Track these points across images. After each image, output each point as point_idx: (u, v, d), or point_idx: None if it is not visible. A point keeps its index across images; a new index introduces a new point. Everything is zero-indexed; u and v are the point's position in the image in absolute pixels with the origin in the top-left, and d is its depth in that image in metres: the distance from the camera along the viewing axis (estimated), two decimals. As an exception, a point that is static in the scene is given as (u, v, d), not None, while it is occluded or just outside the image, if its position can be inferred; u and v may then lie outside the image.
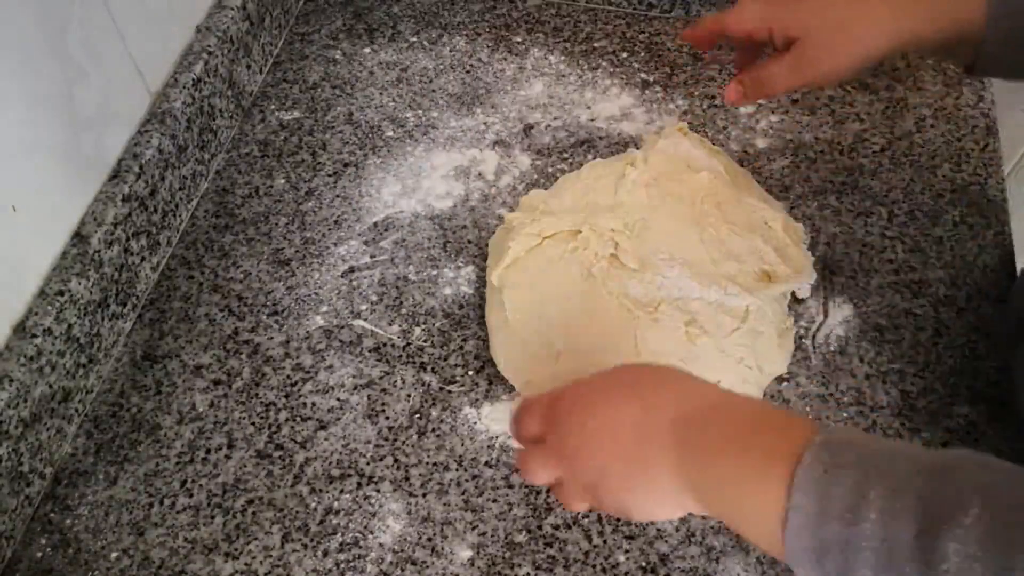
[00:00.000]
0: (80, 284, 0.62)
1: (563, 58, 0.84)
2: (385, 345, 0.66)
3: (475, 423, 0.62)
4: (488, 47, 0.86)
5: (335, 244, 0.72)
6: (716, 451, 0.42)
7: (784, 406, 0.61)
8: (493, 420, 0.62)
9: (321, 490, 0.60)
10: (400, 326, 0.67)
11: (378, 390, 0.64)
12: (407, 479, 0.60)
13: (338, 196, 0.76)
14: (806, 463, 0.38)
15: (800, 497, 0.37)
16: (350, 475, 0.60)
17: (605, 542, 0.57)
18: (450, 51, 0.86)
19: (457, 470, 0.60)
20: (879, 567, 0.35)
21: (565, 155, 0.77)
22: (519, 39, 0.87)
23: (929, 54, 0.56)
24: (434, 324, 0.67)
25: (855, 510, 0.36)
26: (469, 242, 0.72)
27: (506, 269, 0.65)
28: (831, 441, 0.39)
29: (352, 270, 0.71)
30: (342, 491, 0.60)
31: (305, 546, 0.57)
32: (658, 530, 0.57)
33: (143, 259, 0.69)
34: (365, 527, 0.58)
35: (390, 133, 0.80)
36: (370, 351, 0.66)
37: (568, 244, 0.65)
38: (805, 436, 0.40)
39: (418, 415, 0.63)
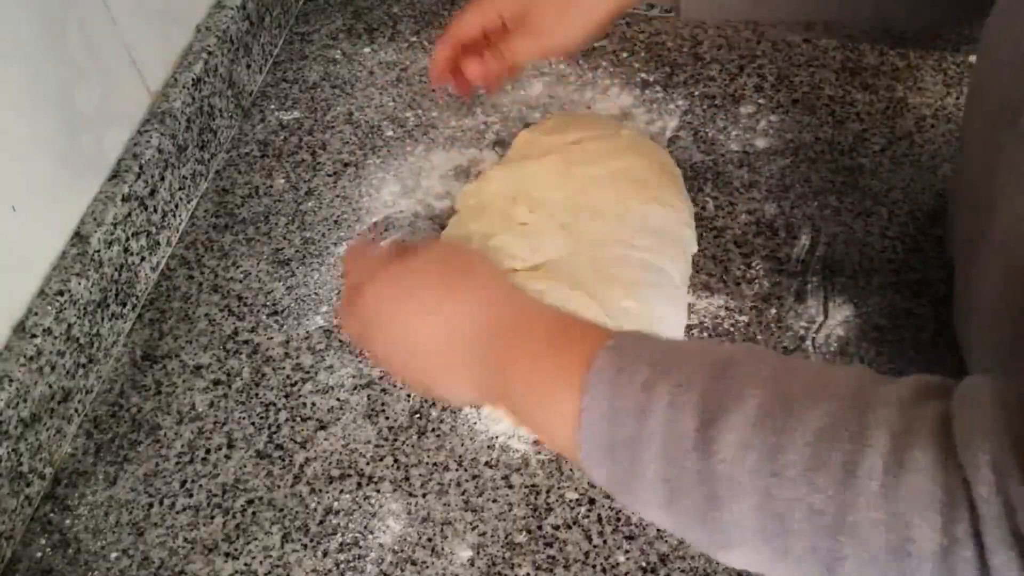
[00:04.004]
0: (80, 284, 0.62)
1: (563, 58, 0.84)
2: (385, 345, 0.66)
3: (475, 423, 0.62)
4: (488, 47, 0.86)
5: (335, 244, 0.72)
6: (516, 364, 0.43)
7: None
8: (493, 420, 0.62)
9: (321, 490, 0.60)
10: (400, 326, 0.67)
11: (378, 390, 0.64)
12: (407, 479, 0.60)
13: (338, 196, 0.76)
14: (597, 365, 0.39)
15: (591, 397, 0.39)
16: (350, 475, 0.60)
17: (605, 542, 0.57)
18: (450, 51, 0.86)
19: (457, 470, 0.60)
20: (664, 458, 0.37)
21: (565, 155, 0.77)
22: (519, 39, 0.87)
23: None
24: (434, 324, 0.67)
25: (643, 406, 0.37)
26: (469, 242, 0.72)
27: None
28: (622, 344, 0.40)
29: (352, 270, 0.71)
30: (342, 491, 0.60)
31: (305, 546, 0.57)
32: (658, 530, 0.57)
33: (143, 259, 0.69)
34: (365, 527, 0.58)
35: (390, 133, 0.80)
36: (370, 351, 0.66)
37: None
38: (600, 342, 0.41)
39: (418, 415, 0.63)
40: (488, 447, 0.61)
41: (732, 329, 0.65)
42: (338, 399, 0.64)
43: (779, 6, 0.63)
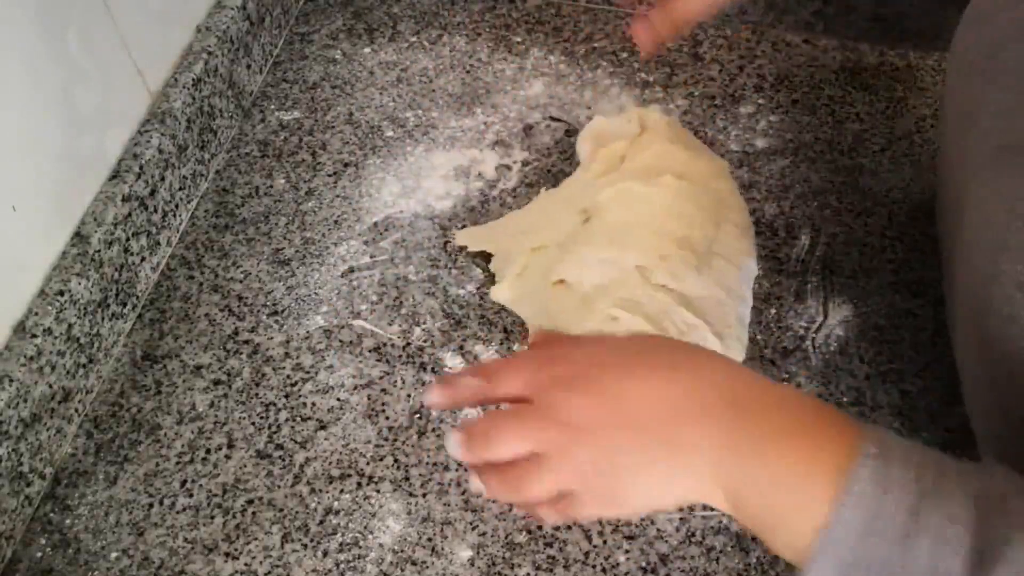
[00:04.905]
0: (80, 284, 0.62)
1: (563, 58, 0.84)
2: (385, 345, 0.66)
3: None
4: (488, 47, 0.86)
5: (335, 244, 0.72)
6: (768, 442, 0.39)
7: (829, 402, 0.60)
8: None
9: (321, 490, 0.60)
10: (400, 326, 0.67)
11: (378, 390, 0.64)
12: (407, 479, 0.60)
13: (338, 196, 0.76)
14: (859, 473, 0.36)
15: (850, 511, 0.36)
16: (350, 475, 0.60)
17: (605, 542, 0.57)
18: (450, 51, 0.86)
19: (457, 470, 0.60)
20: None
21: (565, 155, 0.77)
22: (519, 39, 0.87)
23: None
24: (434, 324, 0.67)
25: (907, 533, 0.35)
26: (469, 242, 0.72)
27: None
28: (886, 453, 0.37)
29: (352, 270, 0.71)
30: (342, 491, 0.60)
31: (305, 546, 0.57)
32: (658, 530, 0.57)
33: (143, 259, 0.69)
34: (365, 527, 0.58)
35: (390, 133, 0.80)
36: (370, 351, 0.66)
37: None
38: (858, 439, 0.38)
39: (418, 415, 0.63)
40: (488, 447, 0.61)
41: (732, 329, 0.65)
42: (338, 399, 0.64)
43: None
